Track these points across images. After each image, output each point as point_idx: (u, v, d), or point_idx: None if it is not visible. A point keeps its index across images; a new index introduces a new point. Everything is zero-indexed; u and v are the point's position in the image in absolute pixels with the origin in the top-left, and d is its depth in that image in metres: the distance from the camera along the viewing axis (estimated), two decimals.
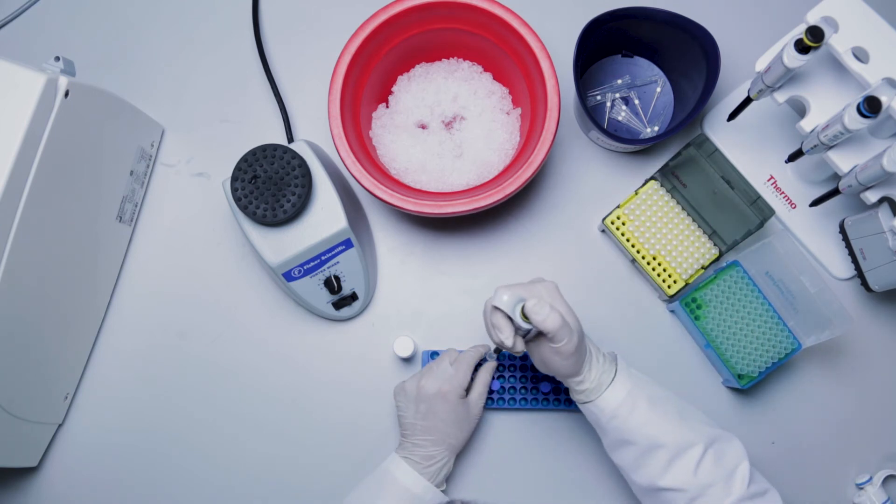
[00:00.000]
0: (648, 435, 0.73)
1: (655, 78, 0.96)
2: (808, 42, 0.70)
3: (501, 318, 0.71)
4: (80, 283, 0.86)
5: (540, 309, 0.69)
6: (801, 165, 0.90)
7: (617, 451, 0.76)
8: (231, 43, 0.99)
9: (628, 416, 0.73)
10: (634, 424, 0.73)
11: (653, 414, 0.73)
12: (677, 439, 0.72)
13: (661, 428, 0.73)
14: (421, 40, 0.89)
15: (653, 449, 0.73)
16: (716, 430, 0.75)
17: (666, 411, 0.74)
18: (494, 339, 0.73)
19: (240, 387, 0.92)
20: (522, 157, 0.83)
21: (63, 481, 0.92)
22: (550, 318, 0.69)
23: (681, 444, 0.72)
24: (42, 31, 0.99)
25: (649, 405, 0.73)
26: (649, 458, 0.73)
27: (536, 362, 0.76)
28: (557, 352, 0.71)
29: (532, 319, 0.69)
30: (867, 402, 0.91)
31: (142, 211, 0.96)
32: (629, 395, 0.74)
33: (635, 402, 0.73)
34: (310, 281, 0.86)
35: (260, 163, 0.82)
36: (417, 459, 0.81)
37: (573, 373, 0.73)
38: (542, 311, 0.69)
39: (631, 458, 0.75)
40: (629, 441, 0.74)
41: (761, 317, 0.86)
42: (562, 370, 0.73)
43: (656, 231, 0.88)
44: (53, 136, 0.73)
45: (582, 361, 0.73)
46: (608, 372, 0.75)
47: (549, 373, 0.75)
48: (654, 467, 0.73)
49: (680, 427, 0.73)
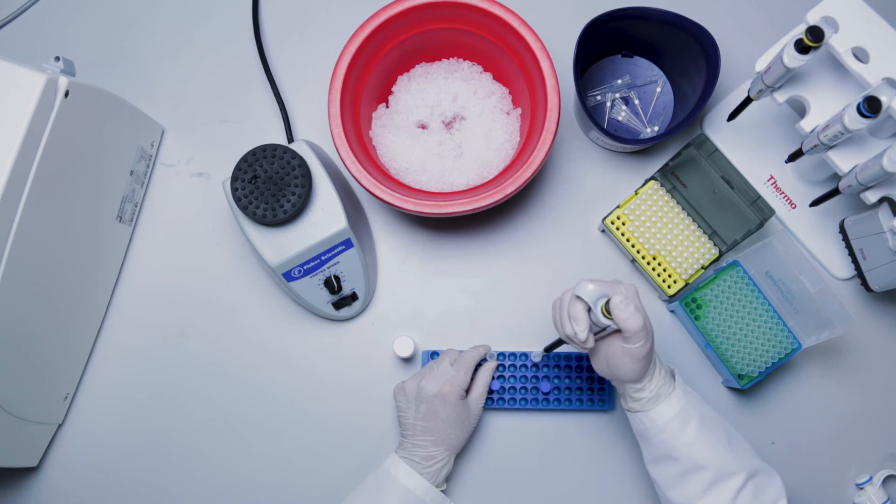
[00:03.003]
0: (693, 455, 0.72)
1: (655, 78, 0.96)
2: (808, 42, 0.70)
3: (581, 310, 0.70)
4: (80, 283, 0.86)
5: (626, 307, 0.67)
6: (801, 165, 0.90)
7: (658, 465, 0.75)
8: (231, 43, 0.99)
9: (678, 433, 0.72)
10: (682, 442, 0.72)
11: (702, 435, 0.72)
12: (721, 464, 0.71)
13: (707, 450, 0.72)
14: (421, 40, 0.89)
15: (695, 470, 0.72)
16: (760, 463, 0.74)
17: (715, 434, 0.73)
18: (565, 331, 0.71)
19: (240, 387, 0.92)
20: (522, 157, 0.83)
21: (63, 481, 0.92)
22: (634, 317, 0.67)
23: (724, 471, 0.71)
24: (42, 31, 0.99)
25: (700, 425, 0.72)
26: (690, 478, 0.72)
27: (598, 363, 0.75)
28: (630, 353, 0.70)
29: (616, 316, 0.68)
30: (867, 402, 0.91)
31: (142, 211, 0.96)
32: (683, 411, 0.72)
33: (687, 420, 0.72)
34: (310, 281, 0.86)
35: (260, 163, 0.82)
36: (417, 460, 0.81)
37: (637, 378, 0.72)
38: (628, 309, 0.67)
39: (671, 475, 0.73)
40: (673, 458, 0.73)
41: (761, 317, 0.86)
42: (628, 374, 0.71)
43: (656, 231, 0.88)
44: (53, 136, 0.73)
45: (647, 368, 0.72)
46: (667, 385, 0.73)
47: (608, 375, 0.74)
48: (692, 488, 0.72)
49: (726, 453, 0.72)
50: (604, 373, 0.75)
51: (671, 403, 0.72)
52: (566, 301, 0.71)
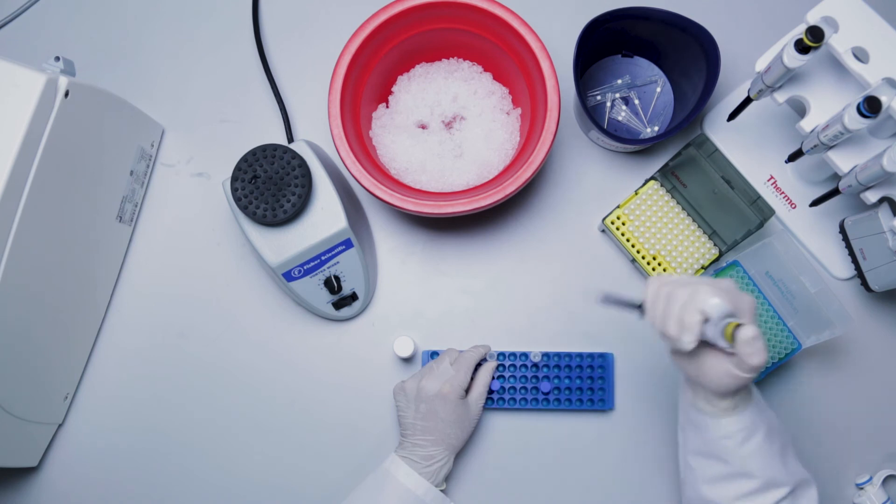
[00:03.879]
0: (746, 465, 0.68)
1: (655, 78, 0.96)
2: (808, 42, 0.70)
3: (698, 322, 0.62)
4: (80, 283, 0.86)
5: (755, 342, 0.61)
6: (801, 165, 0.90)
7: (703, 459, 0.71)
8: (231, 43, 0.99)
9: (740, 444, 0.68)
10: (741, 453, 0.68)
11: (762, 449, 0.68)
12: (769, 476, 0.68)
13: (761, 462, 0.68)
14: (421, 40, 0.89)
15: (742, 476, 0.69)
16: (803, 474, 0.71)
17: (772, 447, 0.69)
18: (667, 331, 0.65)
19: (239, 387, 0.92)
20: (522, 157, 0.83)
21: (63, 481, 0.92)
22: (761, 354, 0.61)
23: (770, 483, 0.68)
24: (42, 31, 0.99)
25: (763, 440, 0.68)
26: (733, 482, 0.69)
27: (687, 364, 0.68)
28: (736, 378, 0.64)
29: (741, 350, 0.61)
30: (867, 402, 0.91)
31: (142, 211, 0.96)
32: (752, 424, 0.68)
33: (753, 433, 0.68)
34: (310, 281, 0.86)
35: (260, 163, 0.82)
36: (417, 459, 0.81)
37: (726, 394, 0.67)
38: (757, 346, 0.61)
39: (713, 473, 0.70)
40: (723, 460, 0.69)
41: (761, 317, 0.86)
42: (720, 389, 0.66)
43: (656, 231, 0.88)
44: (53, 136, 0.74)
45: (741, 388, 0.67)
46: (745, 398, 0.68)
47: (692, 378, 0.68)
48: (731, 492, 0.69)
49: (777, 465, 0.69)
50: (688, 373, 0.69)
51: (743, 416, 0.68)
52: (681, 302, 0.64)
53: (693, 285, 0.65)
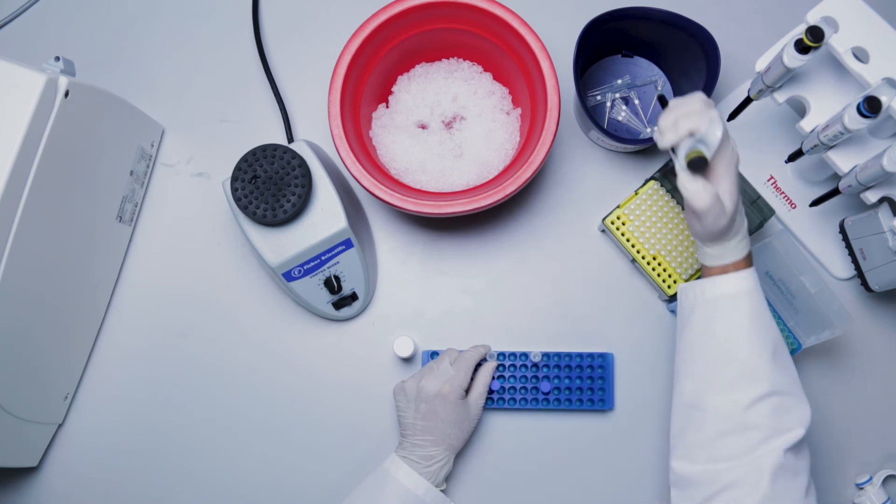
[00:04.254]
0: (730, 346, 0.67)
1: (655, 78, 0.96)
2: (808, 42, 0.70)
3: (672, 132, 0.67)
4: (80, 283, 0.86)
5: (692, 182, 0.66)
6: (801, 165, 0.90)
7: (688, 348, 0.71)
8: (231, 43, 0.99)
9: (728, 312, 0.68)
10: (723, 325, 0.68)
11: (750, 331, 0.67)
12: (752, 367, 0.67)
13: (744, 346, 0.67)
14: (421, 40, 0.89)
15: (723, 359, 0.68)
16: (796, 388, 0.69)
17: (760, 337, 0.68)
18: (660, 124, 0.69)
19: (239, 387, 0.92)
20: (522, 157, 0.83)
21: (63, 481, 0.92)
22: (700, 196, 0.65)
23: (749, 375, 0.67)
24: (42, 31, 0.99)
25: (752, 319, 0.68)
26: (715, 367, 0.68)
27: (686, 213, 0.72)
28: (690, 214, 0.69)
29: (683, 186, 0.66)
30: (867, 402, 0.91)
31: (142, 211, 0.96)
32: (743, 293, 0.68)
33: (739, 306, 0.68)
34: (310, 281, 0.86)
35: (260, 163, 0.82)
36: (417, 459, 0.81)
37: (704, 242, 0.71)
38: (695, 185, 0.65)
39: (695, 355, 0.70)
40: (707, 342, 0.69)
41: None
42: (696, 234, 0.71)
43: (656, 231, 0.88)
44: (53, 136, 0.74)
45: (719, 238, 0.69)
46: (739, 257, 0.70)
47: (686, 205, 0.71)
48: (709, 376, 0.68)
49: (763, 359, 0.67)
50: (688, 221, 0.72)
51: (729, 280, 0.69)
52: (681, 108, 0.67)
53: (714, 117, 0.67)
